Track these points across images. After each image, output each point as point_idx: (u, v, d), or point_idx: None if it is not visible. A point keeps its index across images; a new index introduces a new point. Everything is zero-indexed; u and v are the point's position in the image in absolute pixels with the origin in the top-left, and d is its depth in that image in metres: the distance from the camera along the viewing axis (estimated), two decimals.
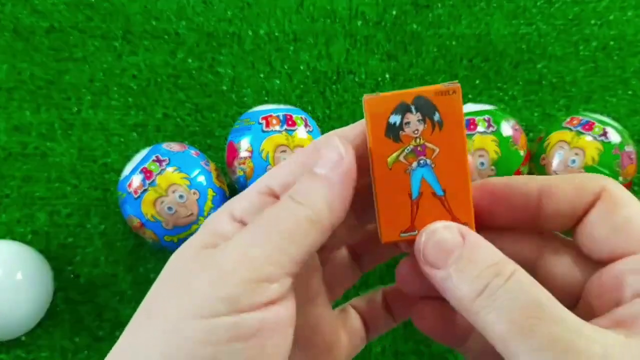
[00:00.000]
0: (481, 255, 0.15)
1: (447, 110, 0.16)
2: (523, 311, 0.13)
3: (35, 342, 0.38)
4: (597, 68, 0.45)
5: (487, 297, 0.14)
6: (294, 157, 0.17)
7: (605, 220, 0.15)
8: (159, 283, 0.16)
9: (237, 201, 0.17)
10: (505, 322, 0.13)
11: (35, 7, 0.45)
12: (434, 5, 0.46)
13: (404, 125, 0.16)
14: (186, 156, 0.36)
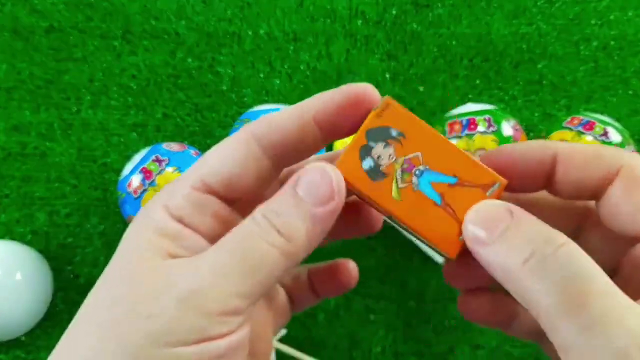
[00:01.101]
0: (529, 225, 0.14)
1: (396, 121, 0.16)
2: (573, 283, 0.12)
3: (35, 342, 0.38)
4: (598, 68, 0.45)
5: (535, 264, 0.13)
6: (229, 142, 0.16)
7: (627, 198, 0.15)
8: (110, 282, 0.15)
9: (170, 195, 0.16)
10: (554, 294, 0.13)
11: (34, 6, 0.45)
12: (434, 5, 0.46)
13: (378, 161, 0.16)
14: (186, 156, 0.36)
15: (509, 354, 0.38)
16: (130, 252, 0.15)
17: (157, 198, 0.16)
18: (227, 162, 0.16)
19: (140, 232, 0.16)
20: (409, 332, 0.38)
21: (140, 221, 0.16)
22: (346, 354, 0.38)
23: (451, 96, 0.44)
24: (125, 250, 0.16)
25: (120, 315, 0.14)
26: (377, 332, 0.38)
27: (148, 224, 0.16)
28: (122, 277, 0.15)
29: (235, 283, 0.14)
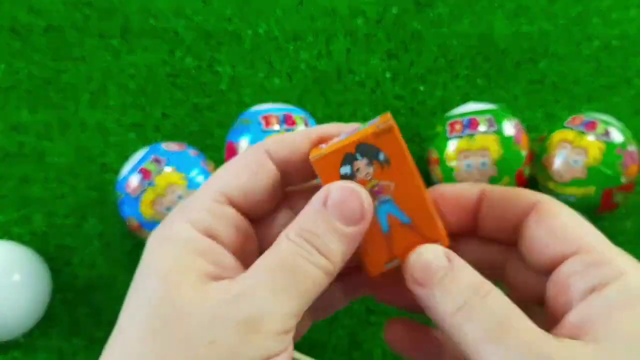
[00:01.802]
0: (463, 276, 0.16)
1: (389, 148, 0.17)
2: (497, 322, 0.15)
3: (33, 343, 0.38)
4: (600, 67, 0.45)
5: (466, 311, 0.15)
6: (243, 157, 0.17)
7: (541, 227, 0.16)
8: (150, 311, 0.15)
9: (190, 211, 0.16)
10: (480, 331, 0.15)
11: (32, 6, 0.45)
12: (435, 4, 0.46)
13: (356, 172, 0.17)
14: (185, 156, 0.36)
15: None
16: (164, 276, 0.15)
17: (176, 216, 0.16)
18: (242, 175, 0.17)
19: (169, 252, 0.15)
20: None
21: (166, 239, 0.16)
22: (346, 356, 0.38)
23: (452, 95, 0.44)
24: (156, 274, 0.15)
25: (175, 347, 0.14)
26: (378, 333, 0.38)
27: (176, 242, 0.16)
28: (165, 305, 0.15)
29: (292, 305, 0.15)
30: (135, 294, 0.15)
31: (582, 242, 0.16)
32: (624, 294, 0.14)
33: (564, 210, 0.16)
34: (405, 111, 0.44)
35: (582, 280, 0.15)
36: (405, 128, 0.43)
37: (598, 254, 0.15)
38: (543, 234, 0.16)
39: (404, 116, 0.44)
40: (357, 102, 0.44)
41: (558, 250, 0.16)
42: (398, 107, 0.44)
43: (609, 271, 0.15)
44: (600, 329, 0.14)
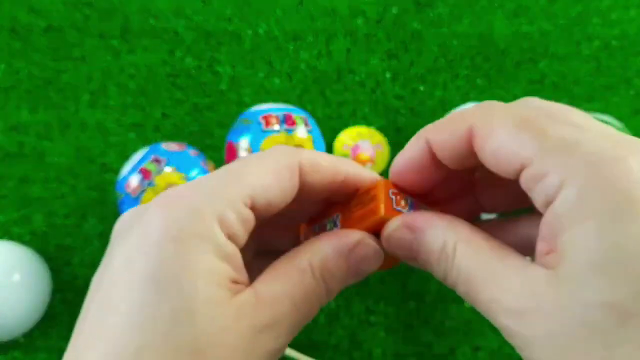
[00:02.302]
0: (428, 238, 0.17)
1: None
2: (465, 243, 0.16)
3: (33, 343, 0.38)
4: (600, 67, 0.45)
5: (445, 263, 0.16)
6: (277, 164, 0.17)
7: (483, 154, 0.16)
8: (169, 319, 0.14)
9: (224, 206, 0.15)
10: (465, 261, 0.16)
11: (32, 6, 0.45)
12: (435, 4, 0.46)
13: None
14: (185, 156, 0.36)
15: (509, 356, 0.37)
16: (190, 283, 0.14)
17: (206, 206, 0.15)
18: (273, 186, 0.17)
19: (202, 257, 0.14)
20: (409, 334, 0.38)
21: (198, 237, 0.15)
22: (346, 356, 0.38)
23: (452, 95, 0.44)
24: (179, 275, 0.14)
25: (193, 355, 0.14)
26: (378, 333, 0.38)
27: (207, 242, 0.15)
28: (185, 313, 0.14)
29: (292, 332, 0.16)
30: (151, 284, 0.14)
31: (522, 156, 0.15)
32: (576, 200, 0.13)
33: (497, 125, 0.15)
34: (405, 111, 0.44)
35: (536, 194, 0.15)
36: (405, 128, 0.43)
37: (538, 165, 0.14)
38: (490, 159, 0.16)
39: (404, 116, 0.43)
40: (357, 102, 0.44)
41: (509, 171, 0.15)
42: (398, 107, 0.44)
43: (551, 182, 0.14)
44: (560, 246, 0.14)
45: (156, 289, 0.14)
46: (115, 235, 0.16)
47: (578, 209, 0.13)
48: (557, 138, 0.14)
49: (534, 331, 0.13)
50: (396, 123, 0.43)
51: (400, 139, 0.43)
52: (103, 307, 0.15)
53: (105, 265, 0.16)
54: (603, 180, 0.13)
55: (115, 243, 0.16)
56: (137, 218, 0.16)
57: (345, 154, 0.41)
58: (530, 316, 0.14)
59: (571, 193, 0.13)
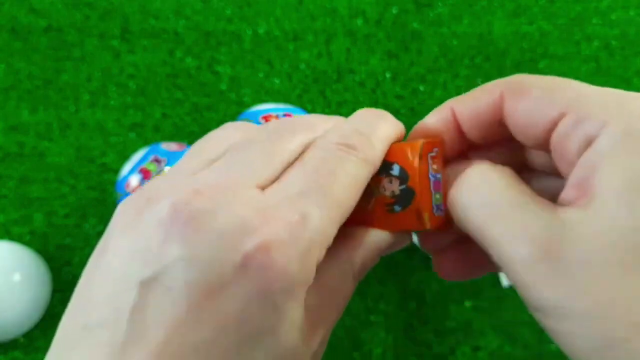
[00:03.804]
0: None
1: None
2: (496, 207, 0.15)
3: (33, 343, 0.38)
4: (599, 67, 0.45)
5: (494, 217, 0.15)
6: (355, 174, 0.16)
7: (517, 110, 0.16)
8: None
9: (324, 249, 0.15)
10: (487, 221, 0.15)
11: (32, 6, 0.45)
12: (435, 4, 0.46)
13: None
14: None
15: (509, 355, 0.37)
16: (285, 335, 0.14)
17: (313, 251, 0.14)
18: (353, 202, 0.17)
19: (288, 311, 0.14)
20: (409, 334, 0.38)
21: (290, 296, 0.14)
22: (347, 355, 0.38)
23: (452, 95, 0.44)
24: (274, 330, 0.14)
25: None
26: (378, 333, 0.38)
27: (300, 298, 0.15)
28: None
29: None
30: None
31: (561, 105, 0.15)
32: (612, 140, 0.14)
33: (533, 82, 0.16)
34: (405, 111, 0.44)
35: (573, 142, 0.15)
36: (406, 128, 0.43)
37: (579, 111, 0.15)
38: (524, 115, 0.16)
39: (404, 116, 0.44)
40: (357, 102, 0.44)
41: (545, 124, 0.15)
42: (398, 107, 0.44)
43: (593, 124, 0.14)
44: (594, 185, 0.13)
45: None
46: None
47: (622, 144, 0.13)
48: (591, 90, 0.15)
49: (566, 264, 0.13)
50: None
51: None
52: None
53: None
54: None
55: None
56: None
57: None
58: (561, 247, 0.13)
59: (615, 131, 0.14)
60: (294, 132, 0.16)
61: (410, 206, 0.16)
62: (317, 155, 0.15)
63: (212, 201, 0.14)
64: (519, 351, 0.38)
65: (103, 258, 0.15)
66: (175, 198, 0.14)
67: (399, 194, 0.16)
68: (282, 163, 0.15)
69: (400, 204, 0.16)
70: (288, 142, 0.16)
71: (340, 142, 0.16)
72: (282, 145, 0.16)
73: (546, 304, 0.13)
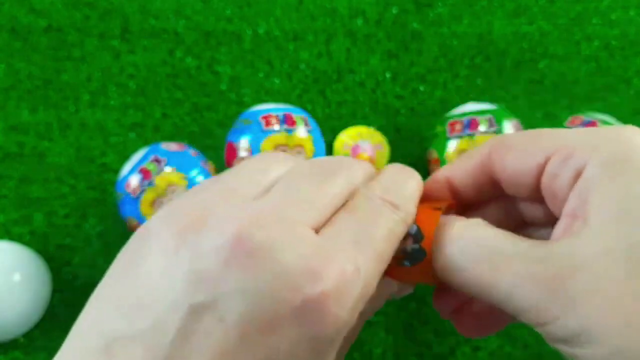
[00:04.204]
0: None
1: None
2: (488, 258, 0.15)
3: (33, 343, 0.38)
4: (600, 67, 0.45)
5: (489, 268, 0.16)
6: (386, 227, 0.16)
7: (505, 165, 0.17)
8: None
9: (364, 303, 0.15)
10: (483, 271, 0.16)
11: (32, 5, 0.45)
12: (435, 4, 0.46)
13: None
14: (185, 156, 0.36)
15: (509, 355, 0.38)
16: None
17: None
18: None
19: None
20: (409, 334, 0.38)
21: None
22: (347, 355, 0.38)
23: (452, 96, 0.44)
24: None
25: None
26: (378, 333, 0.38)
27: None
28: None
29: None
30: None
31: (546, 149, 0.16)
32: (600, 168, 0.14)
33: (515, 137, 0.17)
34: (405, 111, 0.44)
35: (562, 179, 0.15)
36: (405, 128, 0.43)
37: (564, 150, 0.15)
38: (513, 167, 0.17)
39: (404, 116, 0.44)
40: (357, 102, 0.44)
41: (533, 171, 0.16)
42: (398, 107, 0.44)
43: (579, 159, 0.15)
44: (587, 211, 0.14)
45: None
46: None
47: (609, 169, 0.14)
48: (570, 131, 0.16)
49: (574, 293, 0.13)
50: (396, 123, 0.43)
51: (401, 139, 0.43)
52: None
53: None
54: (625, 148, 0.15)
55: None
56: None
57: (345, 154, 0.41)
58: (564, 279, 0.14)
59: (601, 157, 0.14)
60: (339, 174, 0.16)
61: (420, 263, 0.17)
62: (365, 207, 0.16)
63: (275, 235, 0.14)
64: (518, 351, 0.38)
65: (139, 272, 0.14)
66: (239, 226, 0.14)
67: (411, 251, 0.17)
68: (332, 206, 0.16)
69: (410, 261, 0.17)
70: (335, 184, 0.16)
71: (386, 199, 0.16)
72: (330, 187, 0.16)
73: (569, 334, 0.14)
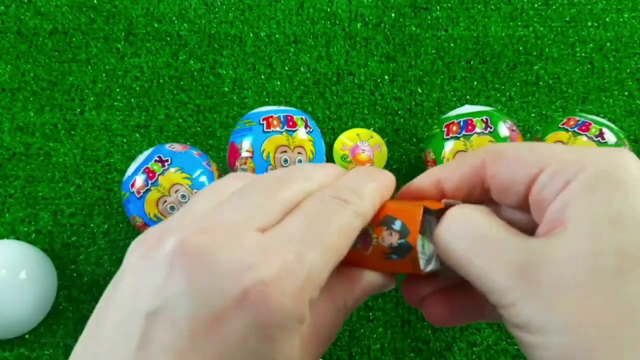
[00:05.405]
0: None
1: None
2: (477, 240, 0.17)
3: (39, 340, 0.38)
4: (594, 69, 0.45)
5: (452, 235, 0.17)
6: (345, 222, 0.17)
7: (497, 172, 0.18)
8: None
9: (317, 288, 0.16)
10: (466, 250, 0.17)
11: (38, 9, 0.46)
12: (432, 8, 0.47)
13: None
14: (188, 156, 0.36)
15: (505, 351, 0.38)
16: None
17: (305, 290, 0.15)
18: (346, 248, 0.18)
19: (284, 348, 0.15)
20: (407, 330, 0.38)
21: (284, 329, 0.15)
22: (345, 351, 0.38)
23: (449, 97, 0.44)
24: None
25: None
26: (376, 329, 0.38)
27: (296, 332, 0.15)
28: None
29: None
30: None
31: (540, 161, 0.17)
32: (584, 183, 0.15)
33: (510, 147, 0.18)
34: (403, 112, 0.44)
35: (551, 189, 0.16)
36: (403, 129, 0.44)
37: (557, 163, 0.16)
38: (504, 175, 0.17)
39: (402, 117, 0.44)
40: (356, 103, 0.44)
41: (524, 180, 0.17)
42: (396, 108, 0.44)
43: (570, 171, 0.16)
44: (566, 218, 0.15)
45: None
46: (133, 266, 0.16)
47: (593, 185, 0.15)
48: (562, 147, 0.17)
49: (538, 285, 0.15)
50: (394, 124, 0.44)
51: (399, 140, 0.43)
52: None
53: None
54: (610, 168, 0.16)
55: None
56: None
57: (344, 154, 0.42)
58: (534, 270, 0.15)
59: (588, 174, 0.16)
60: (292, 182, 0.18)
61: (407, 257, 0.18)
62: (314, 205, 0.17)
63: (216, 239, 0.15)
64: (514, 347, 0.38)
65: (115, 293, 0.16)
66: (182, 235, 0.15)
67: (397, 246, 0.18)
68: (282, 210, 0.17)
69: (398, 254, 0.18)
70: (286, 191, 0.17)
71: (337, 196, 0.17)
72: (281, 194, 0.17)
73: (523, 320, 0.15)
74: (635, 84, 0.45)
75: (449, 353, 0.38)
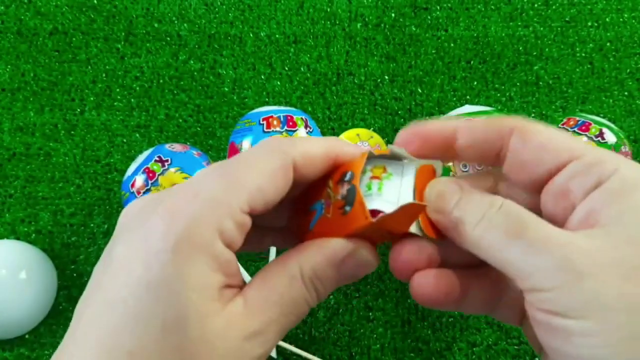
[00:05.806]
0: (475, 196, 0.17)
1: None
2: (514, 222, 0.16)
3: (39, 340, 0.38)
4: (594, 69, 0.45)
5: (485, 222, 0.16)
6: (270, 163, 0.17)
7: (528, 146, 0.17)
8: (162, 329, 0.14)
9: (222, 216, 0.16)
10: (500, 234, 0.16)
11: (38, 9, 0.46)
12: (432, 8, 0.47)
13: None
14: (188, 157, 0.36)
15: (505, 351, 0.38)
16: (183, 295, 0.15)
17: (208, 218, 0.16)
18: (269, 187, 0.17)
19: (199, 269, 0.15)
20: (407, 330, 0.38)
21: (195, 249, 0.15)
22: (346, 351, 0.38)
23: (449, 97, 0.45)
24: (174, 287, 0.15)
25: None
26: (377, 329, 0.38)
27: (205, 254, 0.15)
28: (177, 323, 0.15)
29: (280, 336, 0.17)
30: (147, 292, 0.15)
31: (573, 150, 0.16)
32: (623, 184, 0.15)
33: (543, 127, 0.17)
34: (403, 112, 0.44)
35: (583, 181, 0.16)
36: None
37: (593, 156, 0.16)
38: (532, 151, 0.17)
39: (402, 118, 0.44)
40: (356, 103, 0.44)
41: (552, 163, 0.17)
42: (396, 108, 0.44)
43: (606, 168, 0.16)
44: (606, 216, 0.15)
45: (152, 298, 0.15)
46: (120, 228, 0.17)
47: (630, 188, 0.15)
48: (600, 148, 0.17)
49: (579, 270, 0.14)
50: (394, 124, 0.44)
51: None
52: (101, 307, 0.15)
53: (107, 262, 0.16)
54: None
55: (118, 239, 0.16)
56: (142, 220, 0.16)
57: None
58: (574, 257, 0.15)
59: (625, 176, 0.16)
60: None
61: (355, 202, 0.17)
62: (244, 154, 0.18)
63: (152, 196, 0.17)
64: (514, 347, 0.38)
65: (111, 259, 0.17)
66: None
67: (346, 194, 0.18)
68: None
69: (349, 203, 0.17)
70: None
71: (264, 140, 0.18)
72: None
73: (568, 306, 0.15)
74: (635, 84, 0.45)
75: (449, 353, 0.38)
